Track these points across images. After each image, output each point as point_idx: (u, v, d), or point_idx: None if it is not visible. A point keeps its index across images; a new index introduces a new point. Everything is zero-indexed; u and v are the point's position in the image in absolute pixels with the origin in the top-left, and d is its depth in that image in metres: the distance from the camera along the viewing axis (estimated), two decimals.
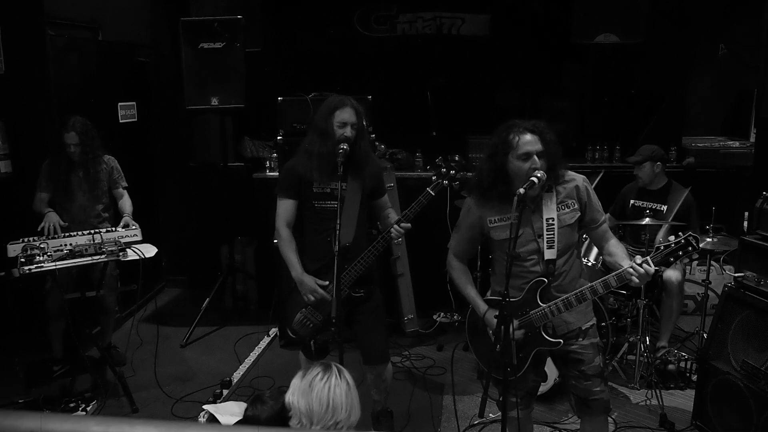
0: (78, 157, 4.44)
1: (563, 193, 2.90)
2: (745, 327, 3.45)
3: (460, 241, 3.09)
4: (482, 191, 2.91)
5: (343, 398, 2.13)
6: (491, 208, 2.91)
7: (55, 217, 4.34)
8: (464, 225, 3.05)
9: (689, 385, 4.36)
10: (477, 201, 2.97)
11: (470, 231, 3.03)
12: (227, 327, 5.60)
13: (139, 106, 6.03)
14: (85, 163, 4.48)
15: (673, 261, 2.75)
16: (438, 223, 5.04)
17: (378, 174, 3.58)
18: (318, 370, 2.17)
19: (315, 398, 2.08)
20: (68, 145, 4.39)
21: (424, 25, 6.84)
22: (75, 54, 5.17)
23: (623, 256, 2.86)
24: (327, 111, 3.36)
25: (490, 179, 2.86)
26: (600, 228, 2.98)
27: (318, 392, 2.10)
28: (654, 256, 2.71)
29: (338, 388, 2.13)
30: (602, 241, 2.99)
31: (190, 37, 5.19)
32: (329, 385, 2.12)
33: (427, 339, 5.31)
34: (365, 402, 3.77)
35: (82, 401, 4.18)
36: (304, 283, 3.39)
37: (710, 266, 4.59)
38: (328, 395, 2.10)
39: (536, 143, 2.77)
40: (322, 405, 2.08)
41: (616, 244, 2.97)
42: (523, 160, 2.77)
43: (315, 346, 3.47)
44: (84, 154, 4.44)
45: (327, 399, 2.10)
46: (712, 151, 6.14)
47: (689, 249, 2.69)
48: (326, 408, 2.09)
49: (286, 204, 3.48)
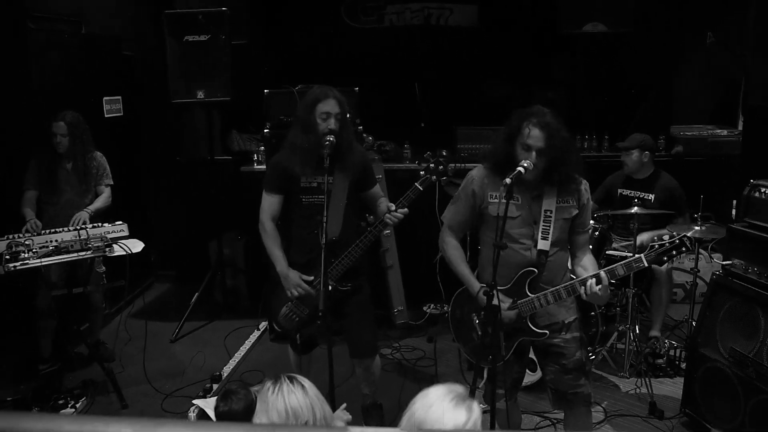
0: (65, 149, 4.38)
1: (566, 190, 2.91)
2: (733, 314, 3.46)
3: (458, 210, 3.07)
4: (492, 164, 2.93)
5: (301, 401, 2.09)
6: (494, 183, 2.91)
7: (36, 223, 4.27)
8: (465, 193, 3.04)
9: (678, 373, 4.38)
10: (484, 173, 2.97)
11: (470, 199, 3.00)
12: (217, 321, 5.58)
13: (124, 101, 5.96)
14: (73, 156, 4.43)
15: (666, 260, 2.80)
16: (427, 216, 5.01)
17: (364, 164, 3.55)
18: (268, 385, 2.14)
19: (272, 410, 2.06)
20: (55, 135, 4.34)
21: (411, 16, 6.80)
22: (57, 48, 5.09)
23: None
24: (309, 103, 3.32)
25: (501, 157, 2.88)
26: (583, 235, 3.03)
27: (273, 404, 2.08)
28: (648, 255, 2.75)
29: (292, 394, 2.09)
30: (580, 249, 3.03)
31: (174, 29, 5.13)
32: (282, 395, 2.09)
33: (417, 330, 5.31)
34: (354, 395, 3.80)
35: (71, 398, 4.15)
36: (288, 278, 3.38)
37: (699, 254, 4.60)
38: (285, 404, 2.07)
39: (540, 140, 2.76)
40: (281, 415, 2.06)
41: (593, 260, 3.02)
42: (524, 149, 2.79)
43: (301, 339, 3.46)
44: (72, 146, 4.39)
45: (285, 408, 2.07)
46: (700, 140, 6.16)
47: (683, 249, 2.75)
48: (287, 416, 2.06)
49: (271, 199, 3.46)
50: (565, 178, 2.86)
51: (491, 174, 2.95)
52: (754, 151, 4.85)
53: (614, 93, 6.48)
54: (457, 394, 1.93)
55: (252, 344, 5.15)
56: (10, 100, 4.54)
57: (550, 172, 2.81)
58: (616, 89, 6.49)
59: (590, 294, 2.76)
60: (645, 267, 2.78)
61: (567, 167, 2.84)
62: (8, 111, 4.48)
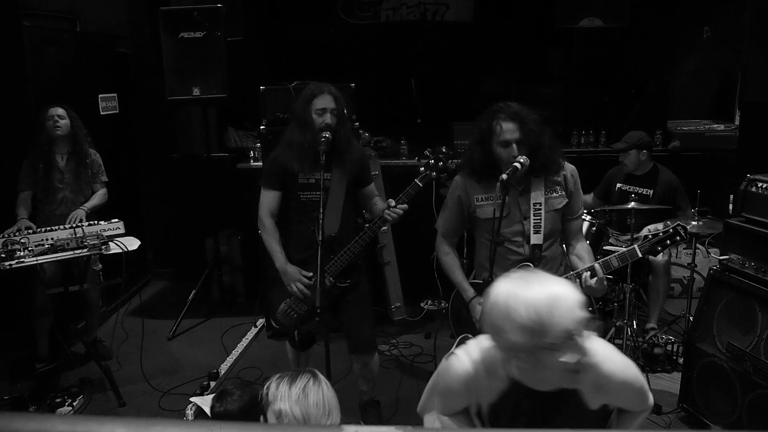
0: (65, 131, 4.35)
1: (550, 178, 2.92)
2: (730, 309, 3.46)
3: (448, 218, 3.12)
4: (472, 170, 2.97)
5: (334, 401, 2.16)
6: (479, 186, 2.97)
7: (26, 224, 4.25)
8: (452, 200, 3.09)
9: (676, 368, 4.38)
10: (466, 179, 3.02)
11: (457, 206, 3.05)
12: (214, 319, 5.57)
13: (120, 98, 5.94)
14: (72, 143, 4.40)
15: (660, 250, 2.80)
16: (424, 211, 5.02)
17: (361, 160, 3.54)
18: (308, 377, 2.17)
19: (312, 404, 2.10)
20: (53, 117, 4.30)
21: (408, 12, 6.79)
22: (53, 46, 5.07)
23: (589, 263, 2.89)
24: (305, 99, 3.32)
25: (479, 161, 2.92)
26: (575, 221, 3.03)
27: (314, 398, 2.12)
28: (642, 245, 2.75)
29: (329, 391, 2.16)
30: (573, 237, 3.03)
31: (169, 26, 5.11)
32: (322, 390, 2.14)
33: (415, 327, 5.31)
34: (352, 392, 3.79)
35: (69, 396, 4.14)
36: (287, 273, 3.37)
37: (696, 249, 4.60)
38: (323, 399, 2.13)
39: (515, 132, 2.80)
40: (319, 408, 2.11)
41: (587, 248, 3.01)
42: (503, 146, 2.82)
43: (299, 336, 3.45)
44: (72, 130, 4.37)
45: (323, 402, 2.12)
46: (697, 135, 6.15)
47: (677, 238, 2.75)
48: (322, 411, 2.11)
49: (270, 195, 3.45)
50: (545, 160, 2.87)
51: (472, 178, 2.99)
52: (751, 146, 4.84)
53: (611, 88, 6.47)
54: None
55: (249, 341, 5.14)
56: (5, 97, 4.52)
57: (531, 159, 2.82)
58: (612, 84, 6.48)
59: (585, 287, 2.76)
60: (639, 257, 2.78)
61: (544, 149, 2.86)
62: (3, 109, 4.46)
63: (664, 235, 2.74)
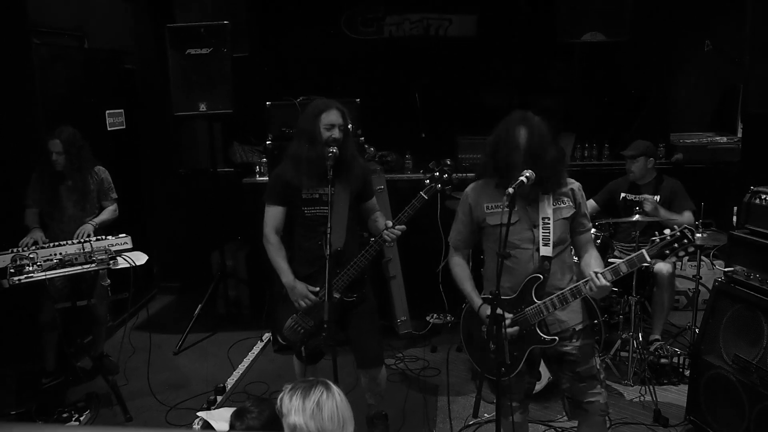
0: (62, 167, 4.40)
1: (559, 191, 2.94)
2: (736, 321, 3.46)
3: (459, 229, 3.12)
4: (494, 168, 2.95)
5: (348, 411, 2.15)
6: (489, 194, 2.98)
7: (39, 234, 4.29)
8: (462, 211, 3.10)
9: (682, 381, 4.38)
10: (477, 187, 3.03)
11: (467, 216, 3.06)
12: (220, 333, 5.58)
13: (127, 114, 6.00)
14: (71, 173, 4.45)
15: (669, 254, 2.73)
16: (429, 225, 5.04)
17: (364, 175, 3.57)
18: (321, 390, 2.16)
19: (327, 418, 2.09)
20: (51, 152, 4.35)
21: (411, 27, 6.84)
22: (61, 62, 5.14)
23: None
24: (313, 115, 3.35)
25: (495, 167, 2.92)
26: (585, 235, 3.05)
27: (329, 411, 2.11)
28: (650, 249, 2.73)
29: (342, 402, 2.15)
30: (584, 249, 3.05)
31: (176, 43, 5.16)
32: (336, 403, 2.13)
33: (421, 340, 5.31)
34: (360, 405, 3.79)
35: (75, 411, 4.15)
36: (295, 289, 3.38)
37: (700, 261, 4.61)
38: (338, 412, 2.12)
39: (524, 138, 2.82)
40: (334, 421, 2.10)
41: (598, 257, 3.02)
42: (514, 151, 2.82)
43: (306, 351, 3.46)
44: (69, 164, 4.41)
45: (338, 415, 2.11)
46: (700, 147, 6.18)
47: (684, 241, 2.69)
48: (337, 424, 2.10)
49: (274, 210, 3.47)
50: (551, 174, 2.86)
51: (485, 186, 3.00)
52: (754, 158, 4.87)
53: (613, 101, 6.51)
54: None
55: (255, 356, 5.16)
56: (14, 113, 4.58)
57: (537, 172, 2.82)
58: (614, 97, 6.52)
59: (593, 291, 2.78)
60: (648, 263, 2.74)
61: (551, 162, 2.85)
62: (13, 124, 4.52)
63: (672, 238, 2.71)
